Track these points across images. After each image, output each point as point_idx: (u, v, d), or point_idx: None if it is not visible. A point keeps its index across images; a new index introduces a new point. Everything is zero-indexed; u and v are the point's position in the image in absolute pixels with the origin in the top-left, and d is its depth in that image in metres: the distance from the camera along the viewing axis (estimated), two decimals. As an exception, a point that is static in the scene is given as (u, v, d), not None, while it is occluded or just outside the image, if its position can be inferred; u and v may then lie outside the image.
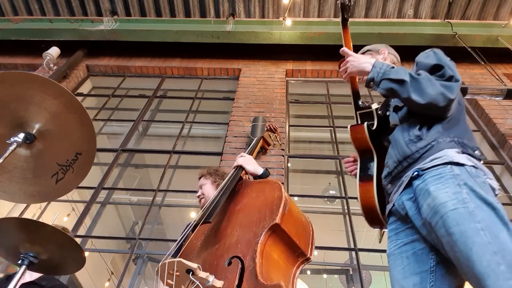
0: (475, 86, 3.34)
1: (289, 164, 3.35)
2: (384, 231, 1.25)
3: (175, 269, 0.87)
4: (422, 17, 4.36)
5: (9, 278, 1.78)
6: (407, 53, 4.24)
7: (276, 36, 4.18)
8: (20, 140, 1.06)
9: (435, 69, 1.14)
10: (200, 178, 1.82)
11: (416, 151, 1.09)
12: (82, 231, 2.94)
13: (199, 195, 1.74)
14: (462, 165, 1.00)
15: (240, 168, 1.46)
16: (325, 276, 4.89)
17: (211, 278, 0.85)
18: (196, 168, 4.38)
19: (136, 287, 3.99)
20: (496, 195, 1.00)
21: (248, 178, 1.42)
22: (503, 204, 3.16)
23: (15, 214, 3.80)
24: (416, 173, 1.05)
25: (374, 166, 1.22)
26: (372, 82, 1.18)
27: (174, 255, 1.08)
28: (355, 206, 3.54)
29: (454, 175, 0.98)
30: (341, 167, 3.32)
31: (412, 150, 1.09)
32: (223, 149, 3.27)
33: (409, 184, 1.08)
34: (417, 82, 1.09)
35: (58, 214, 1.98)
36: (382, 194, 1.20)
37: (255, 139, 1.65)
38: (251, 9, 4.46)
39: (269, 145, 1.77)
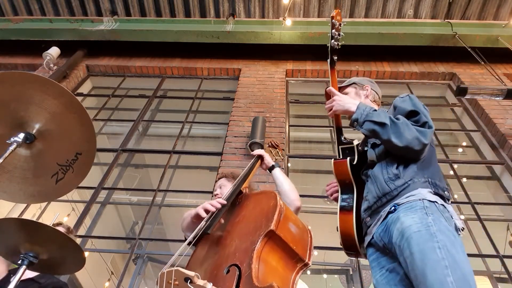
0: (475, 86, 3.34)
1: (289, 164, 3.35)
2: (358, 259, 1.37)
3: (174, 278, 0.89)
4: (422, 17, 4.36)
5: (9, 273, 1.79)
6: (407, 53, 4.29)
7: (276, 36, 4.18)
8: (20, 140, 1.06)
9: (411, 115, 1.25)
10: (221, 178, 1.85)
11: (394, 188, 1.18)
12: (82, 231, 2.94)
13: (217, 194, 1.76)
14: (433, 202, 1.11)
15: (259, 157, 1.70)
16: (325, 276, 4.88)
17: (209, 286, 0.86)
18: (196, 168, 4.40)
19: (136, 287, 3.99)
20: (458, 234, 1.10)
21: (247, 191, 1.45)
22: (503, 204, 3.15)
23: (15, 214, 3.80)
24: (393, 207, 1.15)
25: (354, 198, 1.32)
26: (356, 122, 1.28)
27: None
28: (355, 206, 3.54)
29: (423, 206, 1.09)
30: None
31: (390, 188, 1.19)
32: (223, 149, 3.27)
33: (385, 218, 1.18)
34: (396, 126, 1.19)
35: (58, 214, 1.98)
36: (359, 225, 1.30)
37: (252, 160, 1.72)
38: (251, 9, 4.46)
39: None
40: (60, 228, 1.80)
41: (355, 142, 1.41)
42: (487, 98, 3.24)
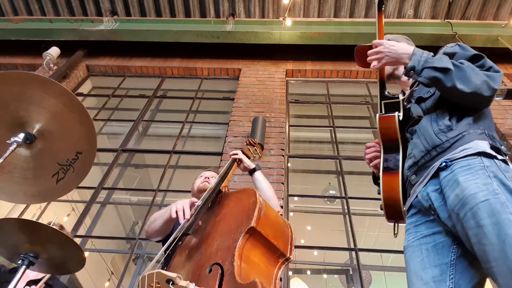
0: (475, 86, 3.33)
1: (289, 164, 3.35)
2: (398, 225, 1.23)
3: (155, 281, 0.88)
4: (422, 17, 4.36)
5: (11, 271, 1.79)
6: (407, 53, 4.28)
7: (276, 36, 4.18)
8: (20, 140, 1.06)
9: (475, 59, 1.13)
10: (211, 172, 1.87)
11: (446, 140, 1.07)
12: (82, 231, 2.94)
13: (207, 180, 1.76)
14: (493, 157, 0.99)
15: (234, 160, 1.71)
16: (325, 276, 4.89)
17: (191, 286, 0.86)
18: (196, 168, 4.39)
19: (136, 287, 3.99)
20: None
21: (228, 190, 1.45)
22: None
23: (15, 214, 3.80)
24: (444, 163, 1.03)
25: (399, 157, 1.20)
26: (412, 71, 1.13)
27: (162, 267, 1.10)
28: (355, 206, 3.54)
29: (484, 166, 0.96)
30: (341, 167, 3.32)
31: (442, 139, 1.08)
32: (223, 149, 3.27)
33: (435, 175, 1.06)
34: (461, 71, 1.06)
35: (58, 215, 1.98)
36: (404, 187, 1.19)
37: (229, 161, 1.73)
38: (251, 9, 4.46)
39: (249, 157, 1.85)
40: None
41: (401, 97, 1.26)
42: (487, 98, 3.23)
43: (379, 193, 1.22)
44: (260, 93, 3.90)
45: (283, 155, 3.14)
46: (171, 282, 0.85)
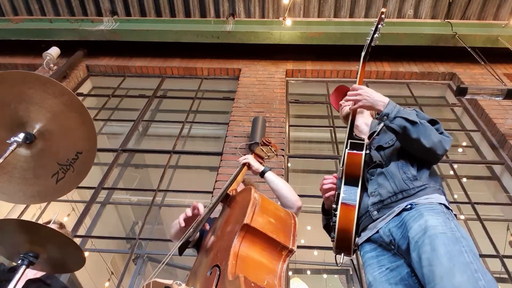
0: (475, 86, 3.33)
1: (289, 164, 3.35)
2: (343, 256, 1.32)
3: None
4: (422, 17, 4.36)
5: (11, 270, 1.78)
6: (407, 53, 4.29)
7: (276, 36, 4.18)
8: (20, 140, 1.06)
9: (432, 123, 1.29)
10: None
11: (412, 188, 1.21)
12: (82, 231, 2.94)
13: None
14: (449, 209, 1.16)
15: (244, 165, 1.66)
16: (325, 276, 4.89)
17: None
18: (196, 168, 4.40)
19: (136, 287, 3.99)
20: None
21: (234, 193, 1.43)
22: (503, 204, 3.14)
23: (15, 214, 3.80)
24: (409, 205, 1.17)
25: (357, 193, 1.30)
26: (386, 117, 1.27)
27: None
28: (355, 206, 3.54)
29: (444, 211, 1.13)
30: (341, 167, 3.32)
31: (409, 186, 1.22)
32: (223, 149, 3.27)
33: (398, 214, 1.19)
34: (424, 127, 1.22)
35: (58, 214, 1.98)
36: (357, 221, 1.28)
37: (239, 166, 1.69)
38: (251, 9, 4.46)
39: (262, 158, 1.79)
40: (52, 226, 1.79)
41: (366, 141, 1.40)
42: (487, 98, 3.23)
43: (332, 240, 1.30)
44: (260, 93, 3.90)
45: (283, 155, 3.14)
46: None
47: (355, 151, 1.34)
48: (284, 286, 0.95)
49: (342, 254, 1.32)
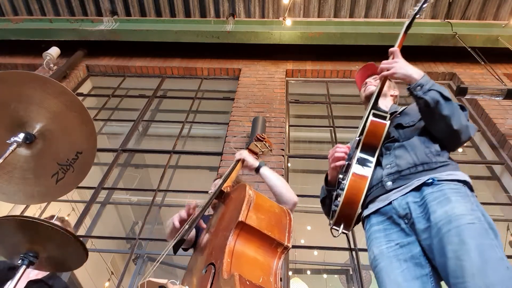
0: (475, 86, 3.34)
1: (289, 164, 3.35)
2: (340, 229, 1.24)
3: None
4: (422, 17, 4.36)
5: (10, 269, 1.78)
6: (407, 53, 4.27)
7: (276, 36, 4.18)
8: (20, 140, 1.06)
9: (462, 109, 1.23)
10: (217, 178, 1.85)
11: (434, 161, 1.17)
12: (82, 231, 2.94)
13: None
14: (473, 191, 1.11)
15: (238, 160, 1.62)
16: (325, 276, 4.89)
17: None
18: (196, 168, 4.40)
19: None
20: None
21: (229, 189, 1.42)
22: (503, 204, 3.14)
23: (15, 213, 3.80)
24: (431, 180, 1.11)
25: (373, 162, 1.24)
26: (419, 87, 1.21)
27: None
28: (355, 206, 3.54)
29: (468, 195, 1.07)
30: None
31: (431, 159, 1.17)
32: (223, 149, 3.27)
33: (418, 189, 1.12)
34: (456, 107, 1.18)
35: (60, 210, 1.98)
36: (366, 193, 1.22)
37: (234, 162, 1.67)
38: (251, 9, 4.46)
39: (257, 154, 1.76)
40: (55, 221, 1.78)
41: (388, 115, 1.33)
42: (487, 98, 3.23)
43: (334, 210, 1.23)
44: (260, 93, 3.90)
45: (283, 155, 3.14)
46: None
47: (379, 120, 1.27)
48: (280, 283, 0.94)
49: (342, 226, 1.24)
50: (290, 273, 3.35)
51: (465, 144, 3.92)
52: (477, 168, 3.60)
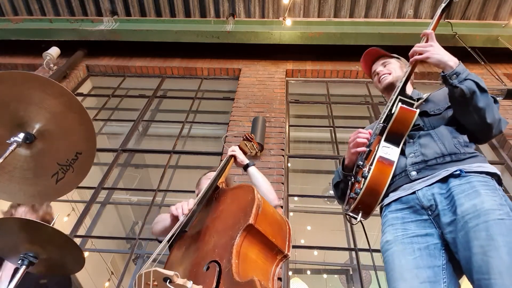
0: (475, 86, 3.33)
1: (289, 164, 3.35)
2: (359, 218, 1.20)
3: (152, 279, 0.87)
4: (422, 17, 4.36)
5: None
6: (408, 53, 4.28)
7: (276, 36, 4.18)
8: (20, 140, 1.06)
9: (495, 101, 1.22)
10: (202, 177, 1.85)
11: (463, 152, 1.13)
12: (82, 231, 2.94)
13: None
14: (501, 185, 1.08)
15: (231, 156, 1.71)
16: (325, 276, 4.89)
17: (189, 284, 0.85)
18: (196, 168, 4.39)
19: None
20: None
21: (225, 186, 1.45)
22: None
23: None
24: (458, 171, 1.07)
25: (398, 151, 1.20)
26: (455, 75, 1.15)
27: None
28: (355, 206, 3.54)
29: (497, 189, 1.04)
30: (341, 167, 3.32)
31: (460, 150, 1.13)
32: (223, 149, 3.27)
33: (444, 180, 1.10)
34: (491, 100, 1.15)
35: (58, 215, 1.98)
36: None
37: (226, 158, 1.73)
38: (251, 9, 4.46)
39: (246, 153, 1.85)
40: (24, 211, 1.76)
41: (415, 103, 1.26)
42: (487, 98, 3.23)
43: (352, 197, 1.19)
44: (260, 93, 3.90)
45: (283, 155, 3.14)
46: (168, 281, 0.84)
47: (409, 108, 1.20)
48: None
49: (360, 214, 1.19)
50: (290, 273, 3.35)
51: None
52: (477, 168, 3.60)
